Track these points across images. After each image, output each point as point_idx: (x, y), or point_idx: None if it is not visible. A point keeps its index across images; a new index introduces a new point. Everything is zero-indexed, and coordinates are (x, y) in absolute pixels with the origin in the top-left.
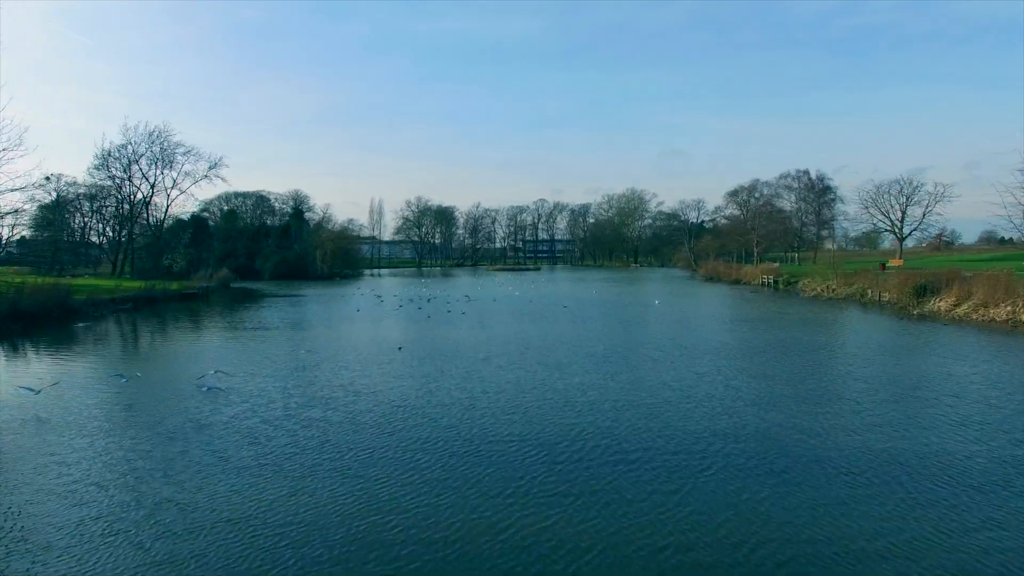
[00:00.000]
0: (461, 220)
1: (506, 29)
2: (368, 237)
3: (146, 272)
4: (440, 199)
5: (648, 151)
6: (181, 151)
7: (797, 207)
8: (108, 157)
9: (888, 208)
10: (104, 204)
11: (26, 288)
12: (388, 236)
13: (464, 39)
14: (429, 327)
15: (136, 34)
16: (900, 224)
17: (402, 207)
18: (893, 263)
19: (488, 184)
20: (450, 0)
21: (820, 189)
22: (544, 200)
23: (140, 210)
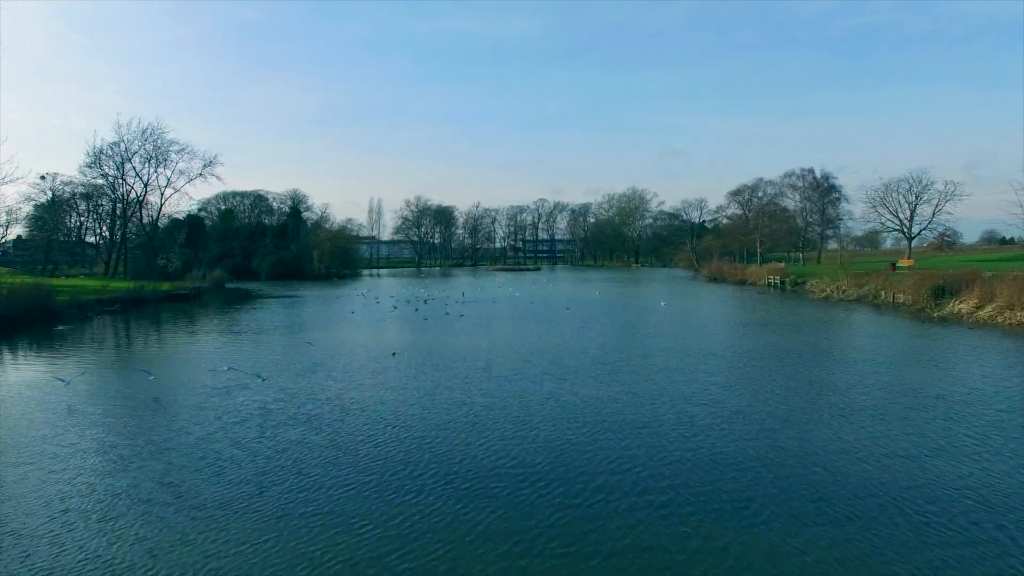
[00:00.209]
0: (461, 220)
1: (506, 29)
2: (367, 237)
3: (140, 272)
4: (440, 199)
5: (648, 151)
6: (175, 149)
7: (801, 206)
8: (100, 155)
9: (897, 207)
10: (99, 203)
11: (2, 289)
12: (387, 236)
13: (464, 39)
14: (426, 331)
15: (136, 34)
16: (909, 223)
17: (401, 207)
18: (903, 263)
19: (488, 184)
20: (450, 0)
21: (825, 188)
22: (544, 200)
23: (134, 209)
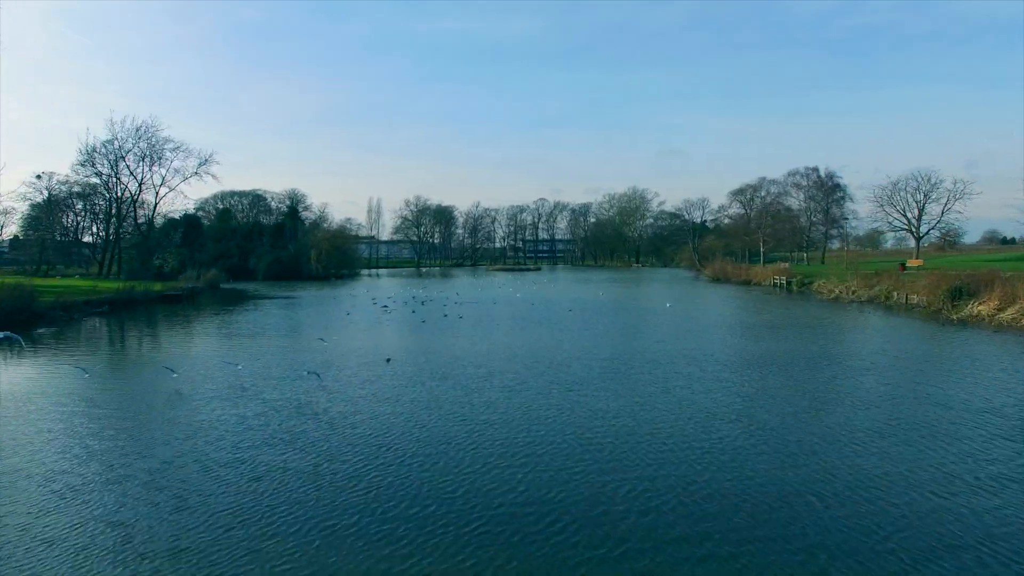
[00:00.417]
0: (460, 220)
1: (506, 29)
2: (366, 237)
3: (135, 272)
4: (439, 198)
5: (646, 150)
6: (170, 147)
7: (806, 206)
8: (94, 153)
9: (905, 206)
10: (95, 202)
11: None
12: (386, 236)
13: (464, 39)
14: (423, 334)
15: (136, 34)
16: (917, 222)
17: (401, 206)
18: (912, 263)
19: (487, 184)
20: (450, 0)
21: (829, 187)
22: (544, 199)
23: (128, 208)
